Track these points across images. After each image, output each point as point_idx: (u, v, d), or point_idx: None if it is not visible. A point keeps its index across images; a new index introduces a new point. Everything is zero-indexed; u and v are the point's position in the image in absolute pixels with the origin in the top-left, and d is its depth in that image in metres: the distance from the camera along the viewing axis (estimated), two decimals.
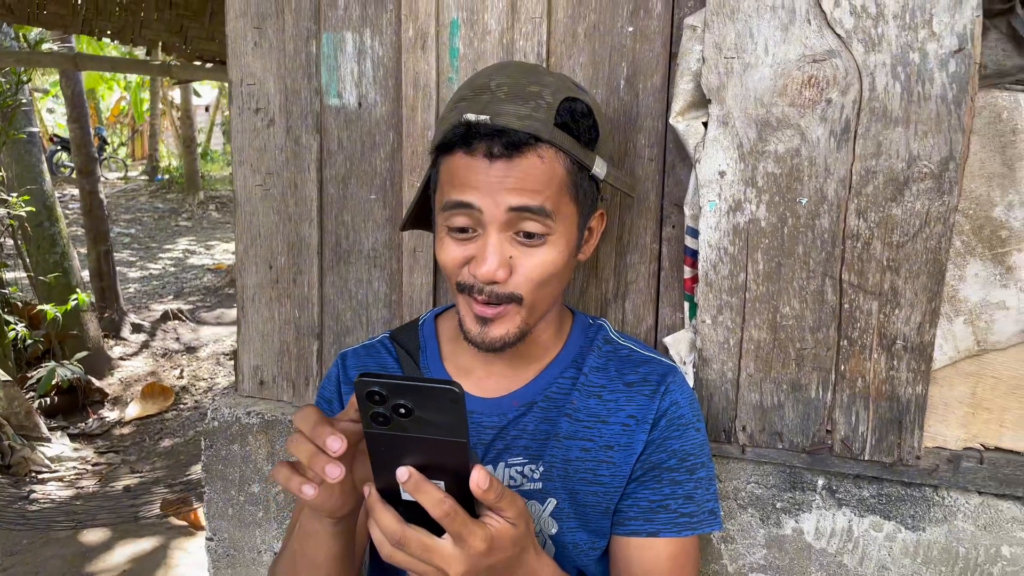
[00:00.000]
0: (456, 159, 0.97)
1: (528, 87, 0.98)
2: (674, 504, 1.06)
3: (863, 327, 1.21)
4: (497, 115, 0.94)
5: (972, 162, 1.17)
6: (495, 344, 1.02)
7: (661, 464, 1.06)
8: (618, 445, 1.07)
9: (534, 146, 0.94)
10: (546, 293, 1.02)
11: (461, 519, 0.74)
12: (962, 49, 1.09)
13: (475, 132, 0.94)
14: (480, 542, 0.76)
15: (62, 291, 5.87)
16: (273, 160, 1.53)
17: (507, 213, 0.95)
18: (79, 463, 4.75)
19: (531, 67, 1.05)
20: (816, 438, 1.27)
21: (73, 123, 6.75)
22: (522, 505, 0.80)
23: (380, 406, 0.70)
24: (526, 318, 1.02)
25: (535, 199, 0.95)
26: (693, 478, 1.07)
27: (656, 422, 1.07)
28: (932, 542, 1.26)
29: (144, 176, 18.35)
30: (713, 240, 1.24)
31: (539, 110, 0.96)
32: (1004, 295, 1.19)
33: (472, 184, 0.95)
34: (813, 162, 1.18)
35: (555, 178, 0.96)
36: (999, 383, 1.22)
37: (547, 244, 0.98)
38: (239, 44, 1.51)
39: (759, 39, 1.16)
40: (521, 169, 0.94)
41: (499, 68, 1.05)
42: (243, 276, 1.59)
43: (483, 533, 0.76)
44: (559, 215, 0.98)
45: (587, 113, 1.00)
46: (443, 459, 0.73)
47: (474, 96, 0.98)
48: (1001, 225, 1.17)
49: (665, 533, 1.05)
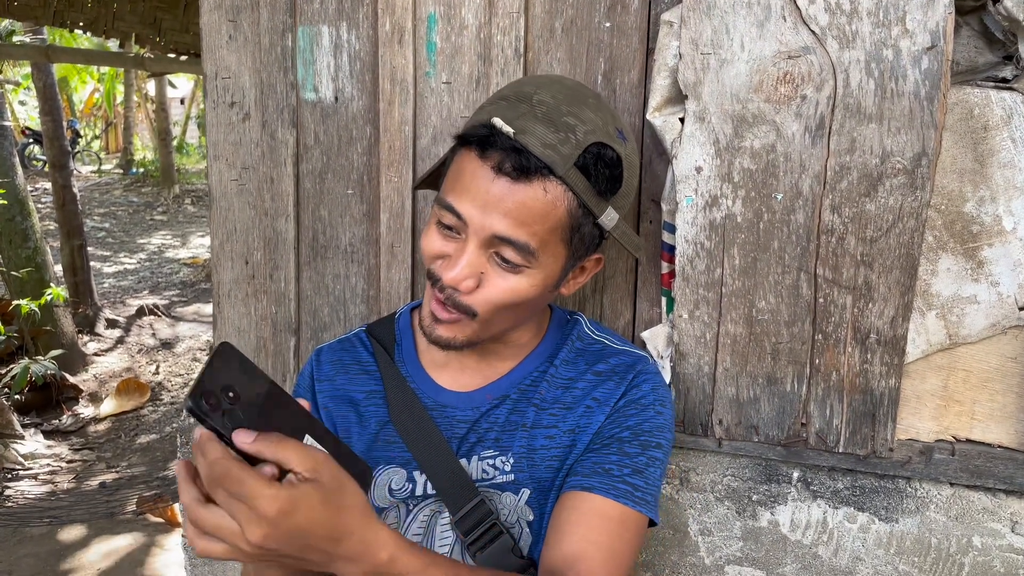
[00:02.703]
0: (467, 158, 0.95)
1: (565, 116, 0.95)
2: (617, 471, 1.01)
3: (837, 321, 1.22)
4: (523, 132, 0.92)
5: (944, 158, 1.19)
6: (439, 342, 1.02)
7: (614, 436, 1.04)
8: (578, 427, 1.06)
9: (544, 177, 0.92)
10: (504, 317, 1.01)
11: (238, 477, 0.67)
12: (935, 46, 1.10)
13: (495, 139, 0.93)
14: (269, 502, 0.67)
15: (35, 286, 5.78)
16: (249, 155, 1.52)
17: (490, 236, 0.94)
18: (53, 460, 4.69)
19: (580, 95, 1.00)
20: (791, 431, 1.28)
21: (45, 116, 6.63)
22: (319, 459, 0.71)
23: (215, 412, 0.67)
24: (477, 332, 1.01)
25: (521, 234, 0.93)
26: (646, 454, 1.03)
27: (616, 403, 1.06)
28: (905, 533, 1.28)
29: (118, 169, 18.09)
30: (690, 235, 1.25)
31: (565, 144, 0.93)
32: (975, 289, 1.20)
33: (470, 193, 0.94)
34: (788, 158, 1.18)
35: (552, 216, 0.94)
36: (970, 376, 1.24)
37: (522, 273, 0.97)
38: (214, 37, 1.49)
39: (735, 35, 1.17)
40: (521, 196, 0.92)
41: (551, 82, 1.01)
42: (219, 272, 1.58)
43: (271, 491, 0.67)
44: (544, 252, 0.96)
45: (614, 163, 0.97)
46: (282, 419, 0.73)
47: (513, 103, 0.96)
48: (972, 220, 1.19)
49: (600, 491, 0.99)
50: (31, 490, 4.26)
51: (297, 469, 0.70)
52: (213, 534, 0.70)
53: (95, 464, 4.68)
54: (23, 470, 4.48)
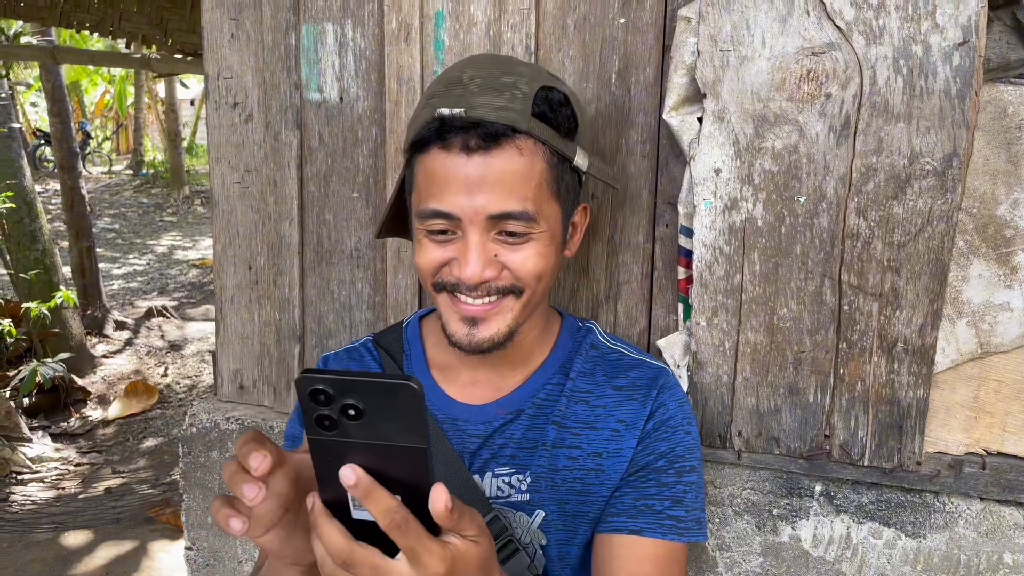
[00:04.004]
0: (432, 157, 0.93)
1: (502, 78, 0.95)
2: (659, 505, 1.01)
3: (863, 329, 1.18)
4: (472, 107, 0.92)
5: (976, 159, 1.15)
6: (483, 345, 0.98)
7: (648, 465, 1.03)
8: (607, 452, 1.04)
9: (512, 138, 0.92)
10: (541, 287, 0.99)
11: (416, 533, 0.65)
12: (966, 42, 1.06)
13: (450, 126, 0.91)
14: (438, 562, 0.66)
15: (44, 288, 5.80)
16: (252, 157, 1.49)
17: (487, 218, 0.92)
18: (61, 463, 4.69)
19: (503, 58, 1.02)
20: (814, 443, 1.25)
21: (54, 117, 6.65)
22: (481, 521, 0.72)
23: (326, 407, 0.61)
24: (519, 314, 0.99)
25: (516, 203, 0.92)
26: (682, 481, 1.03)
27: (644, 426, 1.04)
28: (933, 549, 1.25)
29: (128, 171, 18.23)
30: (708, 240, 1.22)
31: (515, 100, 0.93)
32: (1008, 296, 1.17)
33: (450, 186, 0.92)
34: (812, 159, 1.15)
35: (534, 174, 0.93)
36: (1002, 387, 1.20)
37: (532, 240, 0.96)
38: (215, 36, 1.46)
39: (756, 31, 1.13)
40: (500, 164, 0.91)
41: (470, 61, 1.02)
42: (221, 277, 1.55)
43: (442, 552, 0.66)
44: (542, 215, 0.95)
45: (564, 102, 0.97)
46: (399, 469, 0.65)
47: (446, 91, 0.95)
48: (1006, 224, 1.15)
49: (649, 533, 1.00)
50: (38, 494, 4.25)
51: (469, 534, 0.69)
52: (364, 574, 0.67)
53: (103, 467, 4.67)
54: (30, 474, 4.47)
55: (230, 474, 0.66)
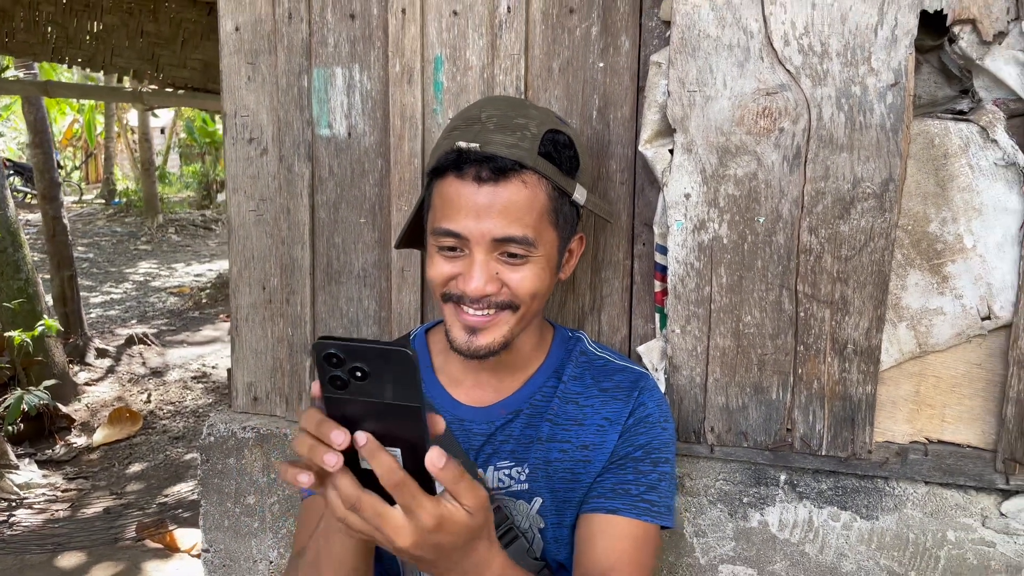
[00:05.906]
0: (448, 183, 1.06)
1: (515, 119, 1.08)
2: (635, 489, 1.12)
3: (817, 333, 1.31)
4: (486, 143, 1.04)
5: (909, 183, 1.28)
6: (480, 352, 1.10)
7: (628, 455, 1.14)
8: (593, 444, 1.15)
9: (519, 172, 1.04)
10: (535, 304, 1.11)
11: (411, 491, 0.75)
12: (898, 83, 1.21)
13: (466, 158, 1.04)
14: (429, 518, 0.76)
15: (27, 317, 5.79)
16: (266, 187, 1.61)
17: (492, 240, 1.05)
18: (49, 489, 4.70)
19: (518, 101, 1.16)
20: (778, 436, 1.36)
21: (36, 148, 6.67)
22: (483, 498, 0.80)
23: (338, 368, 0.72)
24: (514, 327, 1.10)
25: (518, 229, 1.04)
26: (657, 471, 1.14)
27: (626, 422, 1.16)
28: (885, 529, 1.35)
29: (100, 200, 18.00)
30: (680, 256, 1.35)
31: (524, 140, 1.06)
32: (941, 302, 1.30)
33: (462, 210, 1.04)
34: (769, 184, 1.28)
35: (537, 205, 1.06)
36: (940, 382, 1.33)
37: (529, 262, 1.08)
38: (233, 79, 1.59)
39: (718, 74, 1.27)
40: (507, 194, 1.04)
41: (489, 101, 1.15)
42: (237, 297, 1.67)
43: (433, 510, 0.76)
44: (540, 241, 1.07)
45: (568, 144, 1.10)
46: (400, 427, 0.75)
47: (466, 126, 1.08)
48: (936, 239, 1.29)
49: (625, 513, 1.10)
50: (29, 519, 4.27)
51: (465, 504, 0.78)
52: (368, 517, 0.77)
53: (90, 493, 4.69)
54: (19, 500, 4.49)
55: (308, 446, 0.76)
